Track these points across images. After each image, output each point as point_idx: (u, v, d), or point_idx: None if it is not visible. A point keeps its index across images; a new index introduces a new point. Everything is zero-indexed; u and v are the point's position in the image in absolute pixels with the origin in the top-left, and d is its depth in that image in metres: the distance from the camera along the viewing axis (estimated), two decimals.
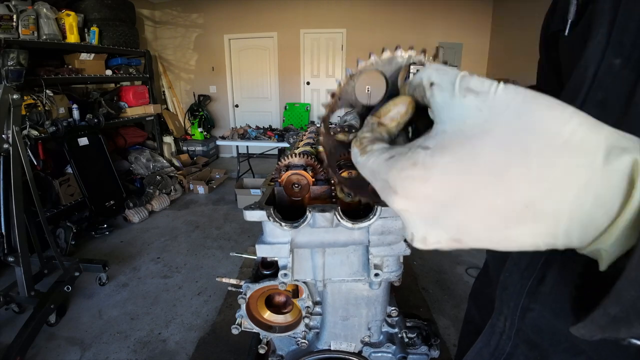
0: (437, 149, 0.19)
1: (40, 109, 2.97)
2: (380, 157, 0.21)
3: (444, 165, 0.19)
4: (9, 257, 1.85)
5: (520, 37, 4.31)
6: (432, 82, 0.21)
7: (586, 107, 0.36)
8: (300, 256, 0.58)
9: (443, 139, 0.19)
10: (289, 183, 0.61)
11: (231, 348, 1.86)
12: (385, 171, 0.20)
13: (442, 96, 0.20)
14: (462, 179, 0.18)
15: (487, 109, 0.19)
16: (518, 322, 0.44)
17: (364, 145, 0.23)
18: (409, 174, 0.19)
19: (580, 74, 0.38)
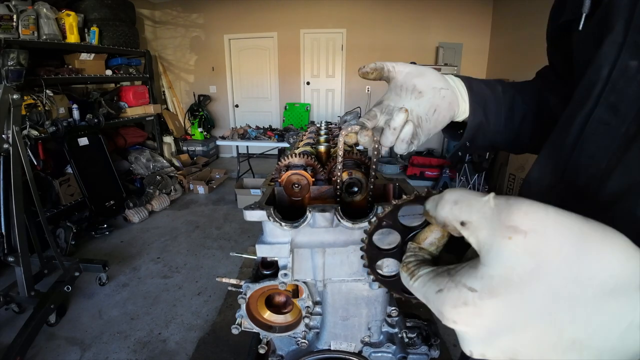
0: (485, 293, 0.19)
1: (40, 109, 2.97)
2: (429, 287, 0.22)
3: (494, 308, 0.19)
4: (9, 257, 1.85)
5: (520, 37, 4.31)
6: (463, 222, 0.21)
7: (598, 110, 0.35)
8: (300, 256, 0.58)
9: (490, 284, 0.19)
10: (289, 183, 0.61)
11: (231, 348, 1.86)
12: (438, 304, 0.21)
13: (481, 236, 0.20)
14: (512, 319, 0.19)
15: (537, 253, 0.18)
16: None
17: (412, 270, 0.25)
18: (461, 310, 0.20)
19: (593, 73, 0.36)
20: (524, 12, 4.20)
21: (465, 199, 0.21)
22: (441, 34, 5.28)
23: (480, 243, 0.20)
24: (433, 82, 0.47)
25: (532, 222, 0.18)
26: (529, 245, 0.18)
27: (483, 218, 0.19)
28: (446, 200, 0.22)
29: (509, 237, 0.18)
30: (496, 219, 0.19)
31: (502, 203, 0.19)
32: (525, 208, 0.18)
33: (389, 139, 0.45)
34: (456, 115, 0.51)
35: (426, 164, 4.70)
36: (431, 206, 0.24)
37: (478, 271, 0.20)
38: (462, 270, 0.21)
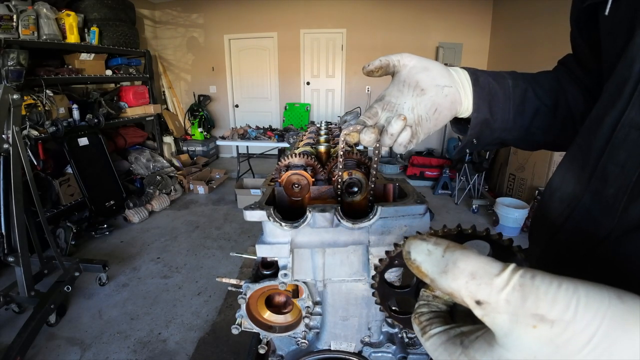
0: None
1: (40, 109, 2.97)
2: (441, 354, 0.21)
3: None
4: (9, 257, 1.85)
5: (520, 37, 4.31)
6: (479, 301, 0.18)
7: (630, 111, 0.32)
8: (300, 256, 0.58)
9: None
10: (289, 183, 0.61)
11: (231, 348, 1.86)
12: None
13: (499, 320, 0.17)
14: None
15: (562, 345, 0.16)
16: None
17: (424, 325, 0.24)
18: None
19: (625, 68, 0.33)
20: (524, 12, 4.20)
21: (484, 273, 0.18)
22: (441, 34, 5.28)
23: (498, 326, 0.18)
24: (437, 78, 0.45)
25: (560, 312, 0.16)
26: (554, 336, 0.16)
27: (505, 302, 0.17)
28: (461, 270, 0.18)
29: (534, 325, 0.16)
30: (520, 305, 0.17)
31: (527, 284, 0.17)
32: (553, 294, 0.16)
33: (387, 142, 0.44)
34: (458, 113, 0.49)
35: (426, 164, 4.70)
36: (431, 267, 0.20)
37: (494, 351, 0.18)
38: (476, 343, 0.19)
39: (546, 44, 3.59)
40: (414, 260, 0.21)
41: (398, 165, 5.06)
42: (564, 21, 0.55)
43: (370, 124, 0.44)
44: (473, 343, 0.19)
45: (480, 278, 0.18)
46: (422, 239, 0.21)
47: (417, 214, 0.50)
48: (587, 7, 0.42)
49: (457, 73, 0.49)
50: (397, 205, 0.50)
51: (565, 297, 0.16)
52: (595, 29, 0.43)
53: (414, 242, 0.21)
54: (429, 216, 0.52)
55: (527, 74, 0.55)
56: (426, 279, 0.20)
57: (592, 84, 0.51)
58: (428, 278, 0.20)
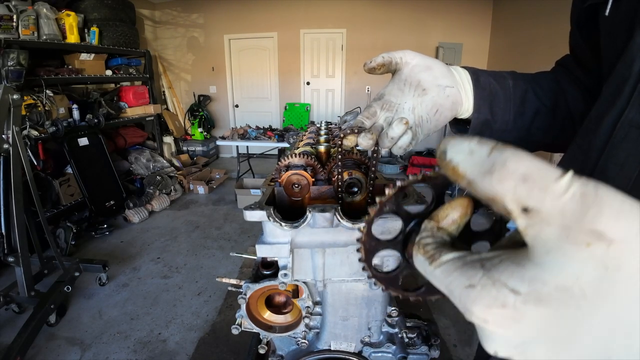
0: (532, 299, 0.15)
1: (40, 109, 2.97)
2: (456, 279, 0.18)
3: (539, 317, 0.16)
4: (9, 257, 1.85)
5: (520, 37, 4.31)
6: (527, 208, 0.15)
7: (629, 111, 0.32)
8: (300, 256, 0.58)
9: (541, 290, 0.15)
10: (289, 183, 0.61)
11: (231, 348, 1.86)
12: (467, 301, 0.17)
13: (546, 233, 0.15)
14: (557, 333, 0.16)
15: (616, 269, 0.14)
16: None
17: (431, 253, 0.21)
18: (496, 312, 0.16)
19: (624, 68, 0.33)
20: (524, 12, 4.20)
21: (540, 176, 0.15)
22: (441, 34, 5.28)
23: (541, 240, 0.15)
24: (439, 78, 0.44)
25: (623, 230, 0.14)
26: (609, 258, 0.14)
27: (559, 212, 0.14)
28: (511, 172, 0.15)
29: (588, 243, 0.14)
30: (577, 217, 0.14)
31: (589, 195, 0.14)
32: (618, 208, 0.14)
33: (386, 145, 0.43)
34: (459, 113, 0.49)
35: (426, 164, 4.70)
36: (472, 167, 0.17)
37: (526, 271, 0.16)
38: (501, 265, 0.17)
39: (546, 44, 3.59)
40: (450, 160, 0.18)
41: (398, 165, 5.06)
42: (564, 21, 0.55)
43: (368, 125, 0.44)
44: (497, 265, 0.17)
45: (533, 182, 0.15)
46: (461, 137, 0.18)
47: None
48: (588, 7, 0.42)
49: (458, 73, 0.49)
50: None
51: (630, 215, 0.14)
52: (596, 29, 0.43)
53: (452, 140, 0.18)
54: None
55: (527, 75, 0.55)
56: (462, 181, 0.17)
57: (592, 85, 0.50)
58: (465, 180, 0.17)
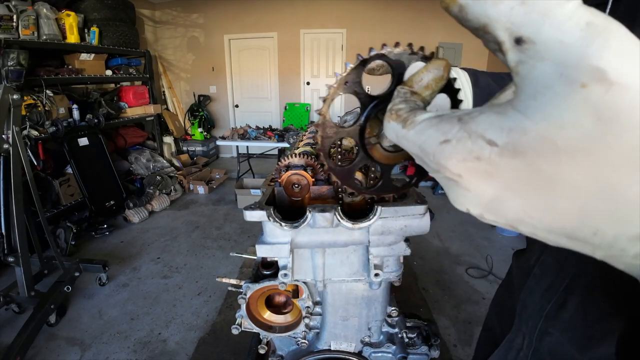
0: (509, 150, 0.14)
1: (40, 109, 2.97)
2: (431, 136, 0.17)
3: (515, 170, 0.14)
4: (9, 257, 1.85)
5: None
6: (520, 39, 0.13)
7: None
8: (300, 256, 0.58)
9: (520, 139, 0.14)
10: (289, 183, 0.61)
11: (231, 348, 1.86)
12: (441, 157, 0.16)
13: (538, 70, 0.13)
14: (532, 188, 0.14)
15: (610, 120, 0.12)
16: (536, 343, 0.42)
17: (404, 117, 0.19)
18: (470, 165, 0.15)
19: None
20: None
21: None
22: (441, 34, 5.28)
23: (532, 80, 0.13)
24: None
25: (629, 73, 0.12)
26: (605, 105, 0.12)
27: (558, 43, 0.12)
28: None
29: (584, 84, 0.12)
30: (580, 50, 0.12)
31: (598, 24, 0.12)
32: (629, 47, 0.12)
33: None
34: None
35: None
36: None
37: (507, 119, 0.14)
38: (480, 117, 0.15)
39: None
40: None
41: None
42: None
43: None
44: (475, 117, 0.15)
45: (532, 5, 0.13)
46: None
47: (417, 214, 0.50)
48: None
49: (457, 73, 0.49)
50: (397, 206, 0.50)
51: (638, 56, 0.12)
52: None
53: None
54: (429, 216, 0.52)
55: None
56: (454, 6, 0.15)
57: None
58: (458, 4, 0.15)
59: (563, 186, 0.14)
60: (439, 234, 3.17)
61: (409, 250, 0.55)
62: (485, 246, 2.94)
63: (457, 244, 3.00)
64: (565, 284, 0.39)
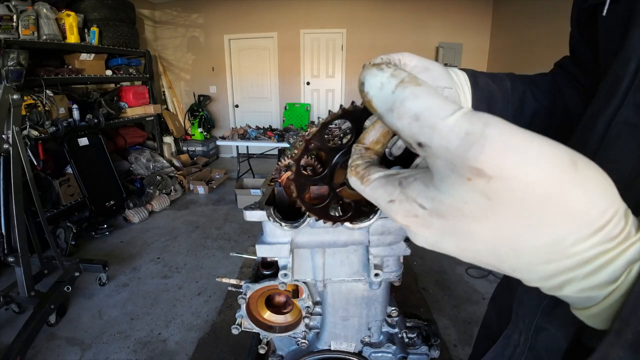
0: (434, 214, 0.19)
1: (40, 109, 2.97)
2: (381, 195, 0.21)
3: (442, 225, 0.19)
4: (9, 257, 1.85)
5: (520, 37, 4.31)
6: (420, 143, 0.17)
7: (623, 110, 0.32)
8: (300, 256, 0.58)
9: (439, 208, 0.18)
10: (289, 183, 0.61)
11: (231, 348, 1.86)
12: (390, 213, 0.21)
13: (437, 164, 0.17)
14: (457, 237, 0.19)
15: (495, 199, 0.16)
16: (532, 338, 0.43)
17: (362, 174, 0.24)
18: (411, 220, 0.20)
19: (619, 67, 0.33)
20: (524, 12, 4.20)
21: (430, 115, 0.17)
22: (441, 34, 5.28)
23: (435, 169, 0.18)
24: (437, 80, 0.44)
25: (501, 169, 0.15)
26: (488, 190, 0.16)
27: (445, 148, 0.16)
28: (406, 111, 0.17)
29: (469, 178, 0.16)
30: (460, 154, 0.16)
31: (474, 133, 0.15)
32: (499, 149, 0.15)
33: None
34: None
35: None
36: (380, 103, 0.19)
37: (429, 191, 0.19)
38: (414, 184, 0.20)
39: (546, 44, 3.59)
40: (367, 94, 0.20)
41: None
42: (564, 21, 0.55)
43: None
44: (410, 184, 0.20)
45: (424, 120, 0.17)
46: (380, 68, 0.19)
47: None
48: (588, 8, 0.42)
49: (456, 74, 0.48)
50: None
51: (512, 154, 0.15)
52: (595, 31, 0.43)
53: (369, 71, 0.20)
54: None
55: (525, 76, 0.55)
56: (376, 114, 0.20)
57: (591, 86, 0.50)
58: (378, 114, 0.20)
59: (477, 238, 0.18)
60: None
61: (409, 250, 0.55)
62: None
63: None
64: None
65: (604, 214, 0.16)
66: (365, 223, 0.50)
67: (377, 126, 0.27)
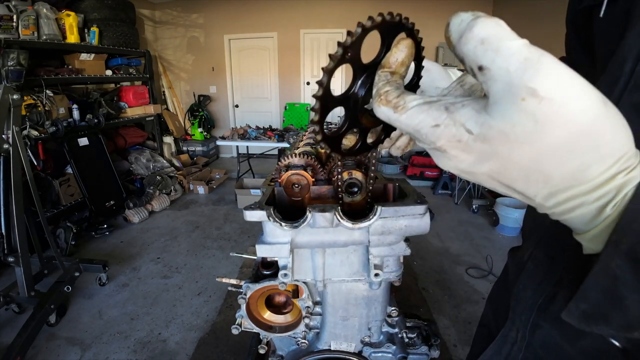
0: (479, 139, 0.20)
1: (40, 109, 2.97)
2: (424, 121, 0.22)
3: (484, 150, 0.21)
4: (9, 257, 1.85)
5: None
6: (481, 67, 0.19)
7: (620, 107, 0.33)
8: (300, 256, 0.58)
9: (488, 132, 0.20)
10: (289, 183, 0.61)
11: (231, 348, 1.86)
12: (432, 137, 0.22)
13: (494, 88, 0.19)
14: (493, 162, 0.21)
15: (543, 122, 0.18)
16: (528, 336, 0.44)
17: (394, 102, 0.24)
18: (453, 144, 0.21)
19: (616, 68, 0.34)
20: (524, 12, 4.20)
21: (494, 39, 0.18)
22: (441, 34, 5.27)
23: (491, 93, 0.19)
24: (436, 80, 0.45)
25: (553, 90, 0.17)
26: (538, 112, 0.18)
27: (505, 70, 0.18)
28: (473, 35, 0.19)
29: (523, 98, 0.18)
30: (519, 75, 0.18)
31: (532, 59, 0.18)
32: (554, 72, 0.17)
33: (385, 145, 0.44)
34: None
35: (426, 164, 4.70)
36: (455, 31, 0.20)
37: (480, 116, 0.20)
38: (463, 110, 0.21)
39: (546, 44, 3.56)
40: (449, 30, 0.21)
41: (398, 165, 5.06)
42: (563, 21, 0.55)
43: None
44: (459, 109, 0.21)
45: (488, 44, 0.18)
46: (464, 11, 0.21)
47: (417, 214, 0.50)
48: (583, 9, 0.43)
49: (456, 75, 0.49)
50: (397, 205, 0.50)
51: (562, 81, 0.17)
52: (591, 32, 0.43)
53: (455, 14, 0.21)
54: (429, 216, 0.52)
55: None
56: (451, 47, 0.21)
57: None
58: (452, 45, 0.21)
59: (515, 163, 0.20)
60: (439, 234, 3.17)
61: (409, 250, 0.55)
62: (485, 246, 2.94)
63: (457, 244, 3.00)
64: (556, 278, 0.41)
65: (622, 148, 0.19)
66: (365, 223, 0.50)
67: (401, 46, 0.27)
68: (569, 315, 0.23)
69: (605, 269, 0.20)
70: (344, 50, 0.27)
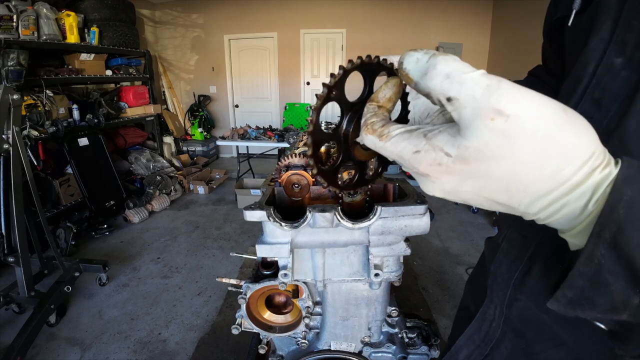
0: (459, 159, 0.22)
1: (40, 109, 2.97)
2: (405, 148, 0.24)
3: (463, 171, 0.22)
4: (9, 257, 1.85)
5: (520, 37, 4.31)
6: (449, 98, 0.21)
7: (582, 104, 0.36)
8: (300, 256, 0.58)
9: (464, 153, 0.21)
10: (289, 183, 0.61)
11: (231, 348, 1.86)
12: (414, 163, 0.24)
13: (464, 113, 0.21)
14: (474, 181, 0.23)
15: (512, 135, 0.20)
16: (506, 311, 0.47)
17: (379, 131, 0.26)
18: (435, 168, 0.23)
19: (580, 69, 0.37)
20: (524, 12, 4.20)
21: (457, 73, 0.21)
22: (441, 34, 5.28)
23: (462, 119, 0.21)
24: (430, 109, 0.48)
25: (516, 108, 0.19)
26: (507, 128, 0.20)
27: (471, 97, 0.20)
28: (438, 72, 0.21)
29: (492, 118, 0.20)
30: (485, 100, 0.20)
31: (493, 85, 0.20)
32: (514, 94, 0.20)
33: None
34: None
35: None
36: (416, 71, 0.23)
37: (455, 140, 0.22)
38: (440, 135, 0.23)
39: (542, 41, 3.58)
40: (405, 69, 0.23)
41: (398, 165, 5.06)
42: None
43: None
44: (436, 135, 0.23)
45: (452, 78, 0.21)
46: (415, 50, 0.23)
47: (417, 214, 0.50)
48: (556, 20, 0.48)
49: None
50: (397, 206, 0.50)
51: (522, 99, 0.20)
52: (562, 40, 0.48)
53: (407, 53, 0.24)
54: (429, 216, 0.52)
55: None
56: (412, 83, 0.23)
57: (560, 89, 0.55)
58: (413, 82, 0.23)
59: (494, 177, 0.22)
60: (439, 234, 3.17)
61: (409, 250, 0.55)
62: None
63: (457, 244, 3.00)
64: (529, 253, 0.43)
65: (589, 147, 0.21)
66: (365, 223, 0.50)
67: (390, 84, 0.29)
68: (555, 303, 0.24)
69: (590, 258, 0.21)
70: (328, 90, 0.29)
